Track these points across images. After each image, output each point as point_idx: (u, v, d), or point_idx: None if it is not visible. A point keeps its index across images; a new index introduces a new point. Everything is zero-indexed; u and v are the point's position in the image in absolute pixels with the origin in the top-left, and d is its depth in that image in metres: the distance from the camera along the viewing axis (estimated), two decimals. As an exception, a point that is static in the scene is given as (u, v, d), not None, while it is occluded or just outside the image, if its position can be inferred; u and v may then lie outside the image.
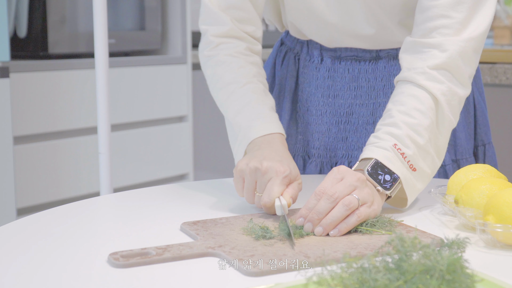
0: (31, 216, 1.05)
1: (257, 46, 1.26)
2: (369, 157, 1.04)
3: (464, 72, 1.10)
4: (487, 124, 1.38)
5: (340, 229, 0.94)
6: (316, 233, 0.94)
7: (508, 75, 2.30)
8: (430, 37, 1.10)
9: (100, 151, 1.51)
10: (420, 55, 1.10)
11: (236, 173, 1.06)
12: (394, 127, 1.06)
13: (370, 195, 0.98)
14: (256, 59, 1.24)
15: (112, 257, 0.83)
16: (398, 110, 1.07)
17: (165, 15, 3.00)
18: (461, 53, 1.09)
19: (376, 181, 1.02)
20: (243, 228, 0.96)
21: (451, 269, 0.67)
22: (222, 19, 1.22)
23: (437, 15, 1.10)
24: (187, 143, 2.99)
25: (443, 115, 1.08)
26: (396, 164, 1.04)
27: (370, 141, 1.08)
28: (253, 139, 1.12)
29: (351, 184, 0.97)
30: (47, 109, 2.47)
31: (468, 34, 1.09)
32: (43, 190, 2.47)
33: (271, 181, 1.02)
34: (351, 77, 1.30)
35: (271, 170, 1.03)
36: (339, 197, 0.95)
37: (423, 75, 1.08)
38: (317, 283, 0.69)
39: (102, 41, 1.50)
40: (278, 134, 1.13)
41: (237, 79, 1.19)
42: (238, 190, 1.07)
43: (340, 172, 0.99)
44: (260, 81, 1.21)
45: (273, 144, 1.11)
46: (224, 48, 1.22)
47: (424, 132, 1.06)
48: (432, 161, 1.08)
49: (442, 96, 1.08)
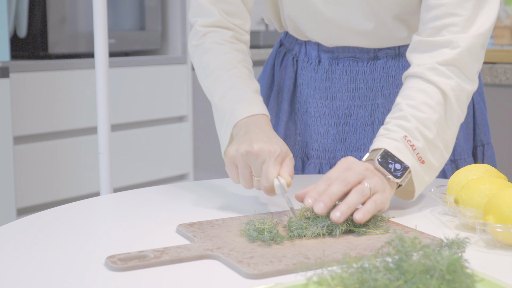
0: (31, 216, 1.05)
1: (244, 36, 1.26)
2: (379, 147, 1.05)
3: (472, 67, 1.11)
4: (486, 125, 1.38)
5: (364, 213, 0.94)
6: (334, 218, 0.93)
7: (508, 75, 2.30)
8: (440, 35, 1.11)
9: (100, 151, 1.51)
10: (431, 53, 1.11)
11: (228, 160, 1.06)
12: (404, 120, 1.07)
13: (380, 184, 0.99)
14: (241, 46, 1.24)
15: (109, 261, 0.83)
16: (407, 104, 1.08)
17: (165, 15, 3.01)
18: (470, 50, 1.10)
19: (387, 170, 1.03)
20: (240, 229, 0.95)
21: (451, 269, 0.67)
22: (211, 11, 1.24)
23: (445, 14, 1.11)
24: (187, 143, 2.99)
25: (451, 110, 1.09)
26: (406, 155, 1.04)
27: (380, 133, 1.08)
28: (237, 121, 1.12)
29: (360, 173, 0.98)
30: (47, 109, 2.47)
31: (475, 30, 1.10)
32: (43, 190, 2.47)
33: (266, 164, 1.02)
34: (349, 78, 1.30)
35: (263, 152, 1.03)
36: (350, 183, 0.96)
37: (432, 71, 1.09)
38: (317, 283, 0.69)
39: (102, 41, 1.50)
40: (262, 115, 1.13)
41: (222, 65, 1.19)
42: (232, 177, 1.07)
43: (348, 162, 1.00)
44: (245, 67, 1.21)
45: (258, 124, 1.10)
46: (210, 36, 1.23)
47: (433, 126, 1.07)
48: (441, 155, 1.08)
49: (451, 91, 1.08)
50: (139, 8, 2.86)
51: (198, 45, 1.24)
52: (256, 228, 0.91)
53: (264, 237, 0.90)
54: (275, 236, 0.90)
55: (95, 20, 1.49)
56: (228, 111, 1.14)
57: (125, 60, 2.75)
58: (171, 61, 2.92)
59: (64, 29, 2.57)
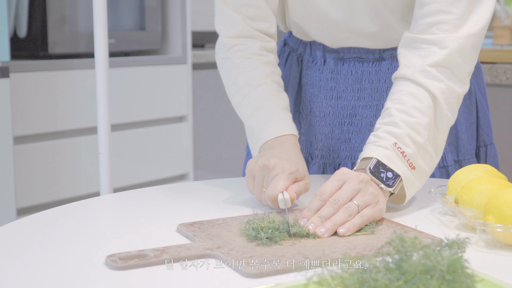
0: (31, 216, 1.05)
1: (271, 43, 1.26)
2: (369, 156, 1.05)
3: (463, 69, 1.10)
4: (489, 125, 1.38)
5: (348, 227, 0.96)
6: (319, 233, 0.95)
7: (508, 75, 2.30)
8: (430, 33, 1.10)
9: (100, 151, 1.51)
10: (419, 52, 1.10)
11: (247, 171, 1.09)
12: (394, 126, 1.06)
13: (374, 196, 0.99)
14: (270, 58, 1.25)
15: (110, 259, 0.83)
16: (397, 109, 1.08)
17: (165, 15, 3.00)
18: (460, 50, 1.09)
19: (379, 179, 1.03)
20: (240, 229, 0.95)
21: (451, 269, 0.67)
22: (235, 19, 1.24)
23: (436, 10, 1.10)
24: (187, 143, 2.99)
25: (441, 113, 1.08)
26: (397, 163, 1.04)
27: (370, 140, 1.08)
28: (265, 141, 1.15)
29: (353, 189, 0.99)
30: (47, 109, 2.47)
31: (467, 30, 1.09)
32: (43, 190, 2.47)
33: (277, 176, 1.05)
34: (354, 78, 1.30)
35: (278, 166, 1.06)
36: (341, 204, 0.98)
37: (422, 73, 1.08)
38: (317, 283, 0.69)
39: (102, 41, 1.50)
40: (291, 136, 1.15)
41: (250, 81, 1.20)
42: (249, 187, 1.11)
43: (342, 174, 1.00)
44: (274, 81, 1.22)
45: (284, 144, 1.13)
46: (238, 50, 1.24)
47: (423, 131, 1.06)
48: (431, 159, 1.08)
49: (440, 95, 1.08)
50: (139, 8, 2.86)
51: (225, 59, 1.25)
52: (254, 227, 0.92)
53: (261, 236, 0.90)
54: (273, 235, 0.90)
55: (95, 20, 1.49)
56: (256, 130, 1.17)
57: (125, 60, 2.75)
58: (171, 61, 2.92)
59: (64, 29, 2.57)
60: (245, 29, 1.24)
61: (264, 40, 1.25)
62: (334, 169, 1.33)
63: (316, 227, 0.95)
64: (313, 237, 0.94)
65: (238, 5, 1.23)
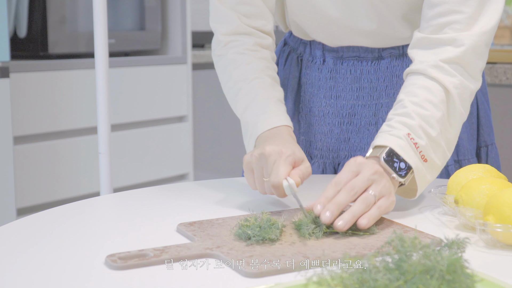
0: (31, 216, 1.05)
1: (266, 40, 1.26)
2: (382, 144, 1.04)
3: (476, 66, 1.10)
4: (490, 125, 1.38)
5: (369, 219, 0.94)
6: (338, 227, 0.93)
7: (508, 75, 2.30)
8: (443, 33, 1.10)
9: (100, 151, 1.51)
10: (433, 50, 1.10)
11: (245, 166, 1.08)
12: (407, 117, 1.06)
13: (387, 188, 0.99)
14: (264, 53, 1.24)
15: (109, 259, 0.83)
16: (410, 101, 1.07)
17: (165, 15, 3.00)
18: (474, 48, 1.09)
19: (392, 169, 1.02)
20: (234, 233, 0.94)
21: (451, 269, 0.67)
22: (229, 16, 1.24)
23: (448, 11, 1.10)
24: (187, 143, 2.99)
25: (454, 108, 1.08)
26: (409, 153, 1.04)
27: (382, 129, 1.07)
28: (259, 133, 1.14)
29: (368, 179, 0.97)
30: (47, 109, 2.47)
31: (479, 28, 1.10)
32: (43, 190, 2.47)
33: (276, 163, 1.03)
34: (353, 78, 1.30)
35: (274, 152, 1.04)
36: (357, 192, 0.96)
37: (435, 68, 1.08)
38: (317, 283, 0.69)
39: (102, 41, 1.50)
40: (284, 127, 1.14)
41: (244, 76, 1.20)
42: (249, 183, 1.08)
43: (357, 164, 0.99)
44: (268, 75, 1.21)
45: (278, 134, 1.12)
46: (232, 47, 1.23)
47: (436, 124, 1.06)
48: (443, 153, 1.08)
49: (454, 89, 1.08)
50: (139, 8, 2.86)
51: (221, 56, 1.25)
52: (244, 226, 0.91)
53: (249, 235, 0.89)
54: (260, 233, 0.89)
55: (95, 20, 1.49)
56: (250, 124, 1.16)
57: (125, 60, 2.75)
58: (171, 61, 2.92)
59: (64, 29, 2.57)
60: (240, 26, 1.24)
61: (259, 37, 1.25)
62: (334, 168, 1.33)
63: (332, 217, 0.93)
64: (331, 230, 0.93)
65: (233, 3, 1.24)
